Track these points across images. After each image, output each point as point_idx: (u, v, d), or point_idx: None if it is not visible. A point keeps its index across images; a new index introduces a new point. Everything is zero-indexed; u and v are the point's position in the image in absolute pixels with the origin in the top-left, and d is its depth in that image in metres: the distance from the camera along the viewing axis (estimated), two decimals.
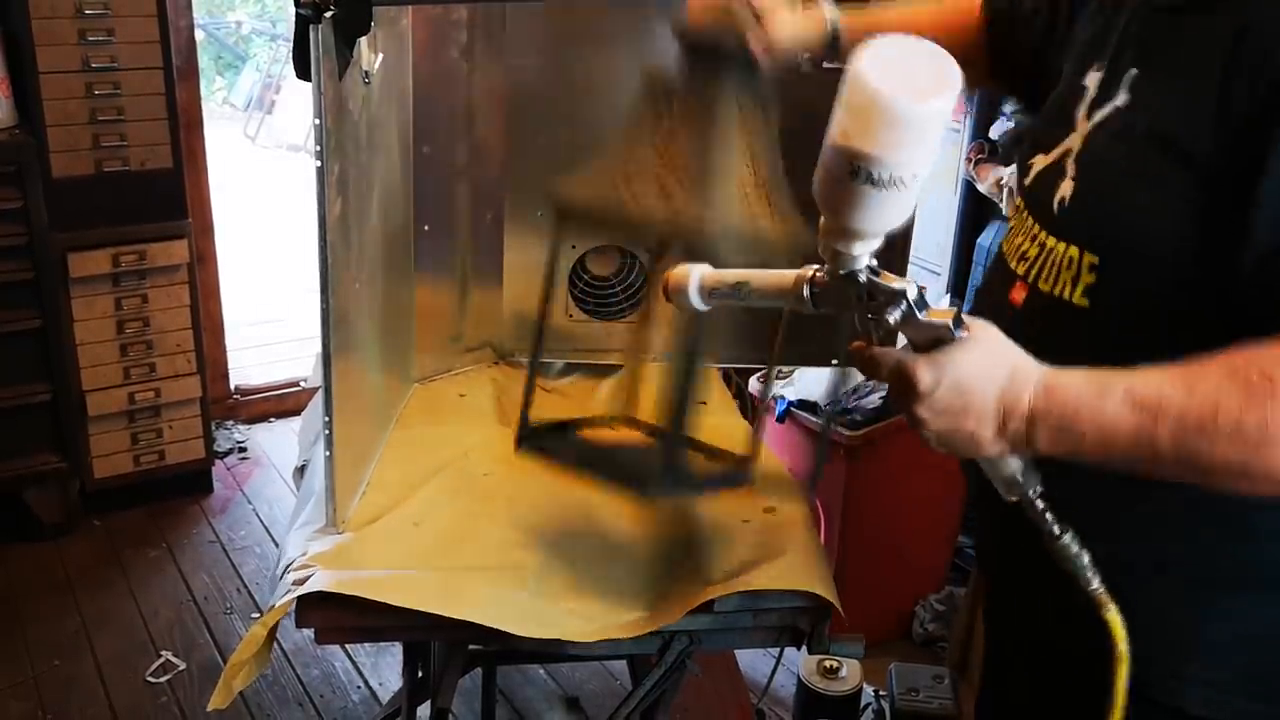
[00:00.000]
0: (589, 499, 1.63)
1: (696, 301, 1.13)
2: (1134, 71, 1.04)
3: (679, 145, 1.38)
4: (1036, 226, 1.11)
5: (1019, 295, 1.10)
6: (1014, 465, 0.98)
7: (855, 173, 0.88)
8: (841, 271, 0.97)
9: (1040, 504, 0.98)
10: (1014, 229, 1.17)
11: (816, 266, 1.01)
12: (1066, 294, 1.04)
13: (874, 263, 0.97)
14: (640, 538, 1.58)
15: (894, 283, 0.95)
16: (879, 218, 0.93)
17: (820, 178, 0.93)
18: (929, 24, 1.38)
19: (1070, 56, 1.17)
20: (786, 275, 1.04)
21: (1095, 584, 0.96)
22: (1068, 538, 0.97)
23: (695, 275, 1.13)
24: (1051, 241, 1.08)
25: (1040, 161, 1.13)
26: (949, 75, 0.87)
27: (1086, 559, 0.97)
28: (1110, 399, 0.89)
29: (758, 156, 1.41)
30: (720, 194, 1.38)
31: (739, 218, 1.38)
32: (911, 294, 0.94)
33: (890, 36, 0.89)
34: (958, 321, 0.92)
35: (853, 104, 0.87)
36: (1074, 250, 1.04)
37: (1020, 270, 1.11)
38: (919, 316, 0.94)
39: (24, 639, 2.72)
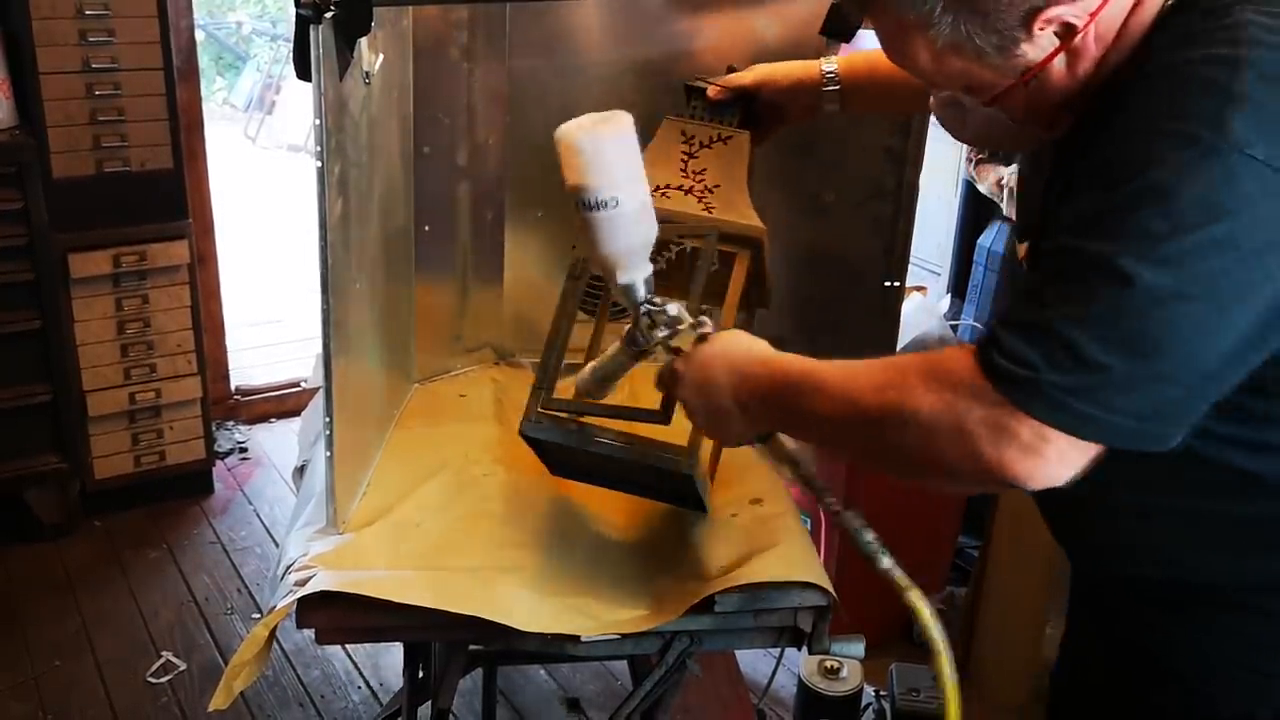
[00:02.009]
0: (588, 498, 1.63)
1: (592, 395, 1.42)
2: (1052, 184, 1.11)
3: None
4: None
5: None
6: (790, 446, 1.20)
7: (579, 204, 1.17)
8: (634, 303, 1.24)
9: (819, 485, 1.17)
10: None
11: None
12: None
13: (648, 296, 1.24)
14: (639, 536, 1.58)
15: (666, 305, 1.24)
16: (612, 238, 1.19)
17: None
18: None
19: None
20: (612, 347, 1.33)
21: (886, 563, 1.09)
22: (849, 515, 1.11)
23: (578, 382, 1.43)
24: None
25: (1020, 250, 1.22)
26: (613, 118, 1.17)
27: (871, 537, 1.10)
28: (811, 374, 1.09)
29: (706, 173, 1.61)
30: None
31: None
32: (671, 311, 1.23)
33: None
34: (700, 322, 1.22)
35: (559, 156, 1.17)
36: None
37: None
38: (679, 327, 1.23)
39: (24, 639, 2.72)
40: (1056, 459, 0.93)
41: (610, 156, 1.16)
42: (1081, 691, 1.27)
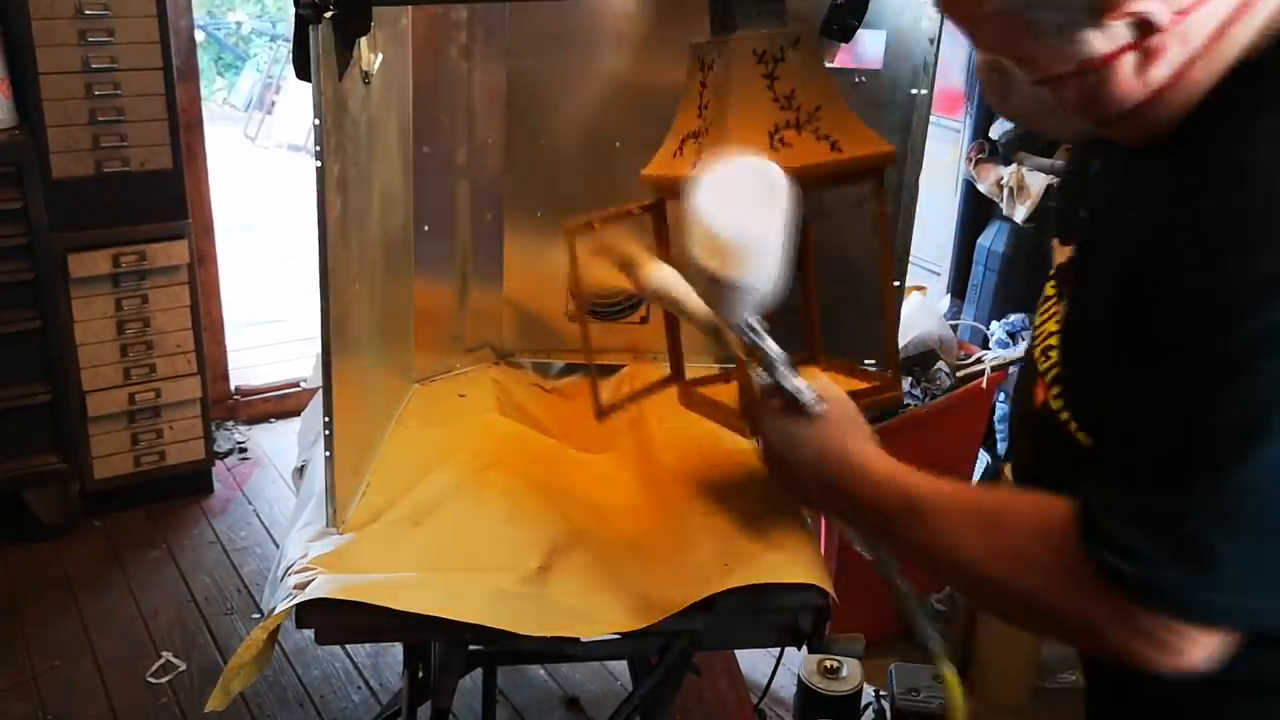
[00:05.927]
0: (588, 498, 1.63)
1: (648, 293, 1.32)
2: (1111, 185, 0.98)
3: (716, 109, 1.45)
4: (1057, 326, 1.03)
5: (1039, 395, 1.02)
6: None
7: (713, 281, 1.07)
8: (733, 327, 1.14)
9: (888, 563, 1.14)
10: (1047, 305, 1.06)
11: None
12: (1072, 427, 0.97)
13: (756, 325, 1.12)
14: (639, 535, 1.58)
15: (769, 347, 1.11)
16: (738, 309, 1.10)
17: (690, 277, 1.13)
18: None
19: None
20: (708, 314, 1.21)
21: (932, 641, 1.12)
22: (904, 588, 1.13)
23: (657, 274, 1.32)
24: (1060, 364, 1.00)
25: (1058, 252, 1.06)
26: (777, 191, 1.04)
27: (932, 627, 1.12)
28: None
29: (797, 94, 1.45)
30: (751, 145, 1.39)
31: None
32: (779, 360, 1.10)
33: (721, 161, 1.06)
34: (811, 403, 1.09)
35: (700, 235, 1.04)
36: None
37: (1042, 368, 1.03)
38: (787, 379, 1.10)
39: (24, 639, 2.72)
40: (1195, 650, 0.85)
41: (772, 247, 1.04)
42: None
